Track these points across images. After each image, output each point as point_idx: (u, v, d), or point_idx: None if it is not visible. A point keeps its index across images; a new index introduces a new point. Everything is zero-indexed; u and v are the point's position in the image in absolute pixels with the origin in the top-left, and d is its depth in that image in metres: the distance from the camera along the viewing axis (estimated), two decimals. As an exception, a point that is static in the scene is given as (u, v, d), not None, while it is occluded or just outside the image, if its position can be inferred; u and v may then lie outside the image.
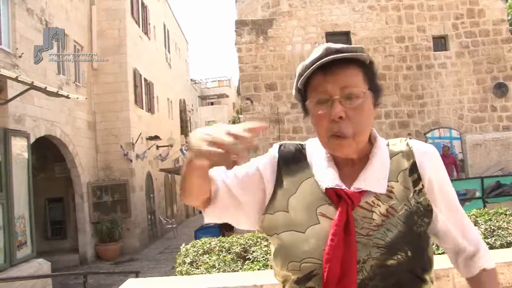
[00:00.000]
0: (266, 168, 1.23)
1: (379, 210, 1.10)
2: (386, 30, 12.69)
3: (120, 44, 14.89)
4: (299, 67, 1.19)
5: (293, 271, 1.10)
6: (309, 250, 1.08)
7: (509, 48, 12.82)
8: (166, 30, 23.13)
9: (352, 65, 1.13)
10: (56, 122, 11.63)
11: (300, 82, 1.16)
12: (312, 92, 1.15)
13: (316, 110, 1.13)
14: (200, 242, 4.36)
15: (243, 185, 1.21)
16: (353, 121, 1.09)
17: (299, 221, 1.12)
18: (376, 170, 1.14)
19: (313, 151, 1.23)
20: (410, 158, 1.17)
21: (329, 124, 1.10)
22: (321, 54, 1.12)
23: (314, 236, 1.09)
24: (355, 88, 1.11)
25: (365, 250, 1.05)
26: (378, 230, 1.07)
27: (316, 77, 1.13)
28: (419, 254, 1.08)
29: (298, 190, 1.17)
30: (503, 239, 3.91)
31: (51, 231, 14.21)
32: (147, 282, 3.61)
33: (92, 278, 10.22)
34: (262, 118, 12.21)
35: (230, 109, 47.76)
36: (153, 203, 18.18)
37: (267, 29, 12.52)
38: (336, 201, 1.11)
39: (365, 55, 1.15)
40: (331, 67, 1.10)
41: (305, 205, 1.14)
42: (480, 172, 11.26)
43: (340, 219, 1.07)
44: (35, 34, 10.74)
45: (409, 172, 1.15)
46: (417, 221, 1.11)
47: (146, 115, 17.27)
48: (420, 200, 1.13)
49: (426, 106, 12.58)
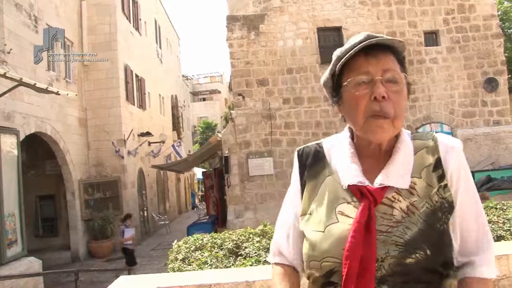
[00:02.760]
0: (294, 186, 1.28)
1: (400, 206, 1.09)
2: (377, 26, 12.69)
3: (110, 40, 14.78)
4: (337, 51, 1.20)
5: (315, 269, 1.12)
6: (328, 249, 1.09)
7: (499, 43, 12.89)
8: (158, 25, 22.99)
9: (391, 53, 1.15)
10: (46, 119, 11.54)
11: (342, 62, 1.15)
12: (351, 73, 1.14)
13: (355, 89, 1.13)
14: (192, 239, 4.34)
15: None
16: (394, 103, 1.10)
17: (319, 220, 1.14)
18: (400, 165, 1.13)
19: (333, 149, 1.24)
20: (435, 153, 1.16)
21: (368, 104, 1.10)
22: (363, 38, 1.14)
23: (333, 234, 1.10)
24: (396, 73, 1.13)
25: (384, 248, 1.05)
26: (398, 227, 1.07)
27: (358, 59, 1.13)
28: (439, 252, 1.06)
29: (319, 190, 1.19)
30: (494, 232, 3.93)
31: (42, 229, 14.12)
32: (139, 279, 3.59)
33: (84, 276, 10.17)
34: (254, 114, 12.20)
35: (222, 105, 47.68)
36: (145, 199, 18.12)
37: (258, 24, 12.47)
38: (359, 197, 1.11)
39: (405, 46, 1.19)
40: (374, 50, 1.12)
41: (325, 204, 1.16)
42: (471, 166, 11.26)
43: (362, 216, 1.07)
44: (24, 30, 10.63)
45: (434, 168, 1.14)
46: (441, 218, 1.09)
47: (137, 111, 17.18)
48: (445, 196, 1.11)
49: (418, 101, 12.62)
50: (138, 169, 16.83)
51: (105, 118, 14.58)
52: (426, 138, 1.19)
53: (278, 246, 1.28)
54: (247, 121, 12.17)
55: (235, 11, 12.67)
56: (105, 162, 14.59)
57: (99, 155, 14.60)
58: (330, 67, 1.21)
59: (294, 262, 1.25)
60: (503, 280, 3.32)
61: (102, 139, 14.55)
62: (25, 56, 10.57)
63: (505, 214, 4.23)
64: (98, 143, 14.57)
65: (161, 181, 22.03)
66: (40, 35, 11.47)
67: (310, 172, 1.24)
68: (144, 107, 18.26)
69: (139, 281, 3.45)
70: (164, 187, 22.77)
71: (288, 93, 12.16)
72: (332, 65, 1.20)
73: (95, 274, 10.63)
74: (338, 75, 1.18)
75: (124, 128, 14.96)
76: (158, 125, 20.65)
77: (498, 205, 4.49)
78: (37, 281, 8.67)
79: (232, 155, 11.96)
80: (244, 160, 11.81)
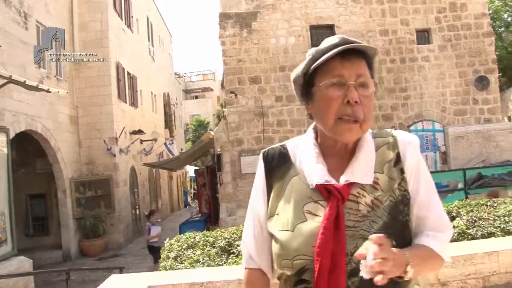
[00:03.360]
0: (260, 188, 1.29)
1: (365, 201, 1.14)
2: (370, 24, 12.72)
3: (102, 37, 14.67)
4: (312, 51, 1.22)
5: (286, 268, 1.15)
6: (299, 247, 1.12)
7: (490, 41, 12.97)
8: (150, 23, 22.87)
9: (363, 59, 1.19)
10: (36, 117, 11.44)
11: (315, 64, 1.18)
12: (325, 75, 1.17)
13: (328, 92, 1.16)
14: (184, 237, 4.33)
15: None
16: (364, 107, 1.15)
17: (287, 220, 1.17)
18: (363, 162, 1.18)
19: (298, 150, 1.27)
20: (395, 149, 1.22)
21: (341, 107, 1.14)
22: (339, 41, 1.18)
23: (303, 233, 1.13)
24: (368, 78, 1.18)
25: (353, 242, 1.09)
26: (364, 222, 1.11)
27: (332, 62, 1.16)
28: (404, 243, 1.11)
29: (285, 191, 1.22)
30: (484, 229, 3.96)
31: (33, 228, 13.99)
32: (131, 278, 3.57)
33: (76, 275, 10.11)
34: (247, 112, 12.18)
35: (215, 102, 47.61)
36: (137, 197, 18.05)
37: (251, 22, 12.45)
38: (326, 196, 1.15)
39: (377, 52, 1.24)
40: (348, 54, 1.16)
41: (293, 204, 1.19)
42: (462, 164, 11.39)
43: (330, 213, 1.11)
44: (13, 27, 10.51)
45: (394, 163, 1.20)
46: (403, 210, 1.14)
47: (129, 109, 17.09)
48: (406, 188, 1.17)
49: (410, 99, 12.67)
50: (130, 167, 16.75)
51: (96, 116, 14.48)
52: (386, 136, 1.25)
53: (248, 249, 1.31)
54: (239, 118, 12.15)
55: (228, 9, 12.62)
56: (97, 160, 14.51)
57: (90, 153, 14.51)
58: (303, 66, 1.24)
59: (262, 265, 1.29)
60: (493, 276, 3.35)
61: (93, 137, 14.46)
62: (14, 53, 10.46)
63: (495, 211, 4.26)
64: (89, 141, 14.48)
65: (153, 179, 21.95)
66: (30, 32, 11.39)
67: (276, 174, 1.26)
68: (136, 105, 18.17)
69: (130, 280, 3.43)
70: (156, 185, 22.69)
71: (280, 90, 12.15)
72: (305, 64, 1.23)
73: (87, 273, 10.57)
74: (311, 75, 1.21)
75: (116, 126, 14.87)
76: (150, 123, 20.57)
77: (489, 202, 4.52)
78: (27, 280, 8.60)
79: (225, 153, 11.94)
80: (237, 158, 11.80)
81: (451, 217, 4.23)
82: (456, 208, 4.33)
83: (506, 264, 3.33)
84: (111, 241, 14.27)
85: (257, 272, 1.29)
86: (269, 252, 1.24)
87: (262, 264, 1.28)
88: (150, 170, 20.48)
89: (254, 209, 1.30)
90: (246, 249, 1.32)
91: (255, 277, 1.29)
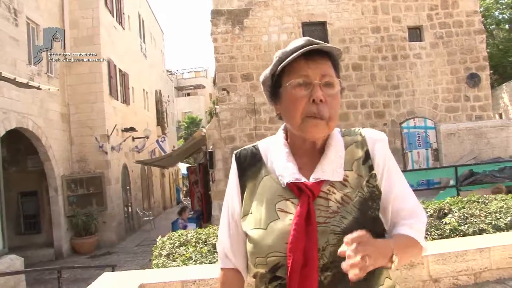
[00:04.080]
0: (233, 188, 1.32)
1: (335, 197, 1.17)
2: (362, 21, 12.75)
3: (93, 34, 14.57)
4: (279, 53, 1.27)
5: (260, 266, 1.18)
6: (272, 245, 1.15)
7: (481, 39, 13.05)
8: (141, 20, 22.75)
9: (328, 59, 1.23)
10: (27, 114, 11.35)
11: (283, 64, 1.22)
12: (291, 75, 1.21)
13: (294, 91, 1.20)
14: (176, 234, 4.31)
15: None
16: (329, 106, 1.19)
17: (259, 218, 1.21)
18: (332, 160, 1.22)
19: (269, 150, 1.31)
20: (364, 147, 1.25)
21: (306, 106, 1.18)
22: (304, 43, 1.21)
23: (275, 230, 1.16)
24: (333, 78, 1.21)
25: (324, 238, 1.12)
26: (334, 217, 1.14)
27: (298, 63, 1.20)
28: (373, 236, 1.11)
29: (258, 190, 1.26)
30: (476, 226, 3.98)
31: (24, 226, 13.89)
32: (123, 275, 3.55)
33: (68, 273, 10.07)
34: (239, 109, 12.17)
35: (207, 100, 47.52)
36: (129, 195, 17.98)
37: (243, 19, 12.43)
38: (297, 194, 1.18)
39: (341, 53, 1.28)
40: (313, 55, 1.20)
41: (265, 203, 1.22)
42: (454, 161, 11.46)
43: (301, 210, 1.14)
44: (3, 23, 10.41)
45: (363, 161, 1.23)
46: (372, 206, 1.18)
47: (121, 106, 17.00)
48: (375, 184, 1.21)
49: (402, 96, 12.73)
50: (122, 164, 16.68)
51: (88, 113, 14.39)
52: (355, 134, 1.29)
53: (223, 249, 1.33)
54: (231, 116, 12.14)
55: (220, 6, 12.59)
56: (89, 157, 14.42)
57: (82, 150, 14.42)
58: (271, 67, 1.29)
59: (238, 264, 1.31)
60: (484, 273, 3.37)
61: (85, 135, 14.37)
62: (4, 49, 10.36)
63: (487, 207, 4.28)
64: (81, 138, 14.39)
65: (146, 177, 21.88)
66: (20, 28, 11.28)
67: (249, 174, 1.30)
68: (128, 102, 18.08)
69: (123, 277, 3.42)
70: (149, 182, 22.62)
71: (273, 88, 12.13)
72: (273, 65, 1.28)
73: (79, 271, 10.52)
74: (278, 76, 1.26)
75: (108, 123, 14.79)
76: (142, 120, 20.48)
77: (480, 199, 4.55)
78: (18, 279, 8.55)
79: (217, 150, 11.93)
80: (229, 155, 11.78)
81: (443, 213, 4.25)
82: (448, 205, 4.35)
83: (498, 260, 3.36)
84: (103, 239, 14.21)
85: (233, 272, 1.32)
86: (244, 251, 1.27)
87: (237, 263, 1.31)
88: (142, 167, 20.41)
89: (229, 209, 1.33)
90: (221, 248, 1.34)
91: (231, 277, 1.32)
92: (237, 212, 1.30)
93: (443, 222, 4.09)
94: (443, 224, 4.06)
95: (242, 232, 1.27)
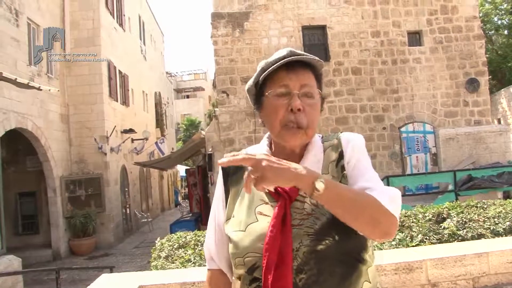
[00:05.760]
0: (219, 193, 1.38)
1: (310, 200, 1.20)
2: (361, 25, 12.78)
3: (94, 35, 14.58)
4: (262, 63, 1.31)
5: (239, 266, 1.22)
6: (249, 245, 1.20)
7: (480, 44, 13.09)
8: (141, 21, 22.78)
9: (310, 70, 1.28)
10: (27, 115, 11.35)
11: (265, 74, 1.26)
12: (272, 85, 1.26)
13: (275, 100, 1.25)
14: (175, 236, 4.32)
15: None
16: (307, 115, 1.23)
17: (240, 221, 1.26)
18: (310, 164, 1.24)
19: None
20: (338, 148, 1.29)
21: (285, 115, 1.22)
22: (286, 54, 1.25)
23: (253, 232, 1.21)
24: (313, 88, 1.26)
25: (298, 239, 1.15)
26: (308, 219, 1.18)
27: (279, 73, 1.25)
28: (347, 237, 1.15)
29: (240, 194, 1.31)
30: (474, 231, 4.00)
31: (22, 226, 13.87)
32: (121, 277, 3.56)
33: (66, 274, 10.05)
34: (238, 112, 12.18)
35: (206, 102, 47.52)
36: (128, 197, 17.96)
37: (243, 22, 12.45)
38: (276, 197, 1.22)
39: (323, 64, 1.33)
40: (294, 66, 1.25)
41: (246, 207, 1.27)
42: (453, 165, 11.49)
43: (278, 213, 1.17)
44: (4, 24, 10.42)
45: (337, 162, 1.27)
46: None
47: (120, 107, 17.01)
48: (346, 184, 1.22)
49: (401, 101, 12.75)
50: (120, 166, 16.67)
51: (87, 115, 14.39)
52: (332, 138, 1.33)
53: (209, 251, 1.40)
54: (231, 118, 12.15)
55: (220, 8, 12.61)
56: (88, 158, 14.42)
57: (81, 151, 14.42)
58: (254, 76, 1.33)
59: (222, 265, 1.38)
60: (482, 278, 3.38)
61: (84, 136, 14.37)
62: (5, 50, 10.37)
63: (485, 212, 4.30)
64: (80, 139, 14.39)
65: (144, 178, 21.86)
66: (21, 29, 11.30)
67: (233, 179, 1.35)
68: (127, 104, 18.09)
69: (121, 279, 3.42)
70: (147, 184, 22.61)
71: (272, 91, 12.15)
72: (256, 74, 1.32)
73: (77, 272, 10.50)
74: (261, 85, 1.30)
75: (107, 124, 14.80)
76: (141, 122, 20.48)
77: (479, 204, 4.56)
78: (16, 279, 8.54)
79: (216, 153, 11.93)
80: (228, 158, 11.77)
81: (441, 218, 4.26)
82: (447, 210, 4.37)
83: (496, 265, 3.37)
84: (101, 240, 14.19)
85: (218, 272, 1.39)
86: (228, 253, 1.31)
87: (221, 264, 1.37)
88: (141, 169, 20.40)
89: (215, 213, 1.39)
90: (207, 250, 1.41)
91: (216, 277, 1.39)
92: (221, 218, 1.35)
93: (442, 227, 4.10)
94: (442, 229, 4.07)
95: (226, 236, 1.31)
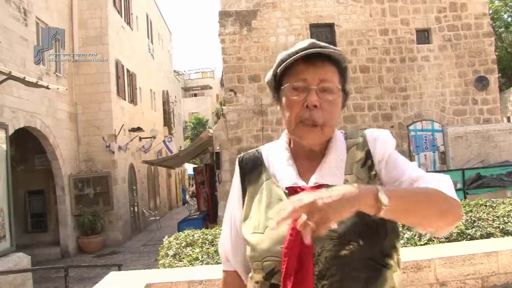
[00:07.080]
0: (236, 192, 1.33)
1: None
2: (370, 23, 12.71)
3: (102, 34, 14.64)
4: (282, 54, 1.24)
5: (258, 270, 1.16)
6: (268, 249, 1.13)
7: (490, 42, 12.96)
8: (149, 20, 22.83)
9: (332, 64, 1.20)
10: (36, 113, 11.42)
11: (282, 67, 1.21)
12: (290, 78, 1.20)
13: (291, 94, 1.19)
14: (183, 235, 4.32)
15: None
16: (324, 112, 1.16)
17: (258, 223, 1.20)
18: (332, 163, 1.19)
19: (271, 154, 1.29)
20: (364, 147, 1.22)
21: (300, 110, 1.16)
22: (307, 46, 1.18)
23: (272, 235, 1.13)
24: (332, 83, 1.18)
25: (320, 243, 1.08)
26: None
27: (298, 65, 1.18)
28: (373, 242, 1.09)
29: (258, 194, 1.24)
30: (483, 230, 3.96)
31: (31, 224, 13.98)
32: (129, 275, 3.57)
33: (74, 271, 10.11)
34: (246, 110, 12.18)
35: (214, 100, 47.57)
36: (135, 195, 18.04)
37: (251, 20, 12.43)
38: None
39: (345, 57, 1.24)
40: (314, 59, 1.17)
41: (263, 207, 1.21)
42: (461, 164, 11.40)
43: None
44: (13, 23, 10.49)
45: (363, 162, 1.20)
46: None
47: (128, 106, 17.07)
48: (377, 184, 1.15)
49: (409, 99, 12.67)
50: (128, 164, 16.74)
51: (95, 113, 14.46)
52: (357, 136, 1.26)
53: (225, 252, 1.35)
54: (238, 117, 12.14)
55: (228, 7, 12.61)
56: (96, 157, 14.50)
57: (89, 150, 14.50)
58: (273, 68, 1.26)
59: (237, 267, 1.33)
60: (492, 277, 3.35)
61: (92, 134, 14.45)
62: (14, 49, 10.44)
63: (494, 211, 4.26)
64: (88, 138, 14.47)
65: (152, 177, 21.94)
66: (30, 28, 11.37)
67: (250, 178, 1.29)
68: (135, 102, 18.16)
69: (129, 277, 3.43)
70: (155, 182, 22.69)
71: (280, 89, 12.13)
72: (275, 66, 1.25)
73: (85, 270, 10.57)
74: (280, 77, 1.24)
75: (115, 123, 14.86)
76: (149, 121, 20.55)
77: (488, 202, 4.52)
78: (25, 277, 8.60)
79: (224, 151, 11.93)
80: (236, 156, 11.74)
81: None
82: (455, 208, 4.33)
83: (505, 264, 3.34)
84: (109, 238, 14.27)
85: (234, 274, 1.34)
86: (244, 255, 1.26)
87: (237, 266, 1.32)
88: (149, 167, 20.47)
89: (231, 213, 1.33)
90: (223, 251, 1.36)
91: (232, 279, 1.34)
92: (238, 218, 1.30)
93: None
94: (450, 228, 4.03)
95: (242, 236, 1.26)
